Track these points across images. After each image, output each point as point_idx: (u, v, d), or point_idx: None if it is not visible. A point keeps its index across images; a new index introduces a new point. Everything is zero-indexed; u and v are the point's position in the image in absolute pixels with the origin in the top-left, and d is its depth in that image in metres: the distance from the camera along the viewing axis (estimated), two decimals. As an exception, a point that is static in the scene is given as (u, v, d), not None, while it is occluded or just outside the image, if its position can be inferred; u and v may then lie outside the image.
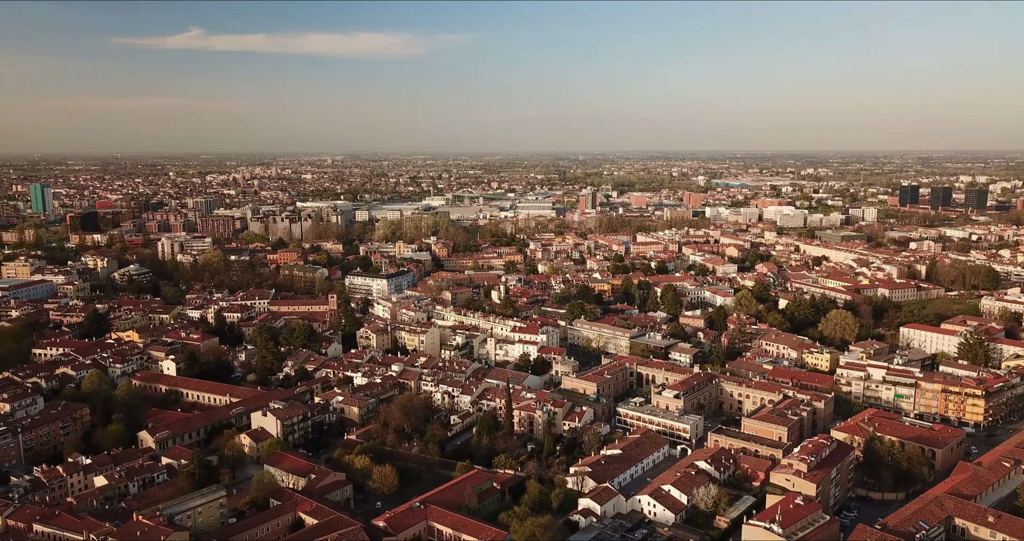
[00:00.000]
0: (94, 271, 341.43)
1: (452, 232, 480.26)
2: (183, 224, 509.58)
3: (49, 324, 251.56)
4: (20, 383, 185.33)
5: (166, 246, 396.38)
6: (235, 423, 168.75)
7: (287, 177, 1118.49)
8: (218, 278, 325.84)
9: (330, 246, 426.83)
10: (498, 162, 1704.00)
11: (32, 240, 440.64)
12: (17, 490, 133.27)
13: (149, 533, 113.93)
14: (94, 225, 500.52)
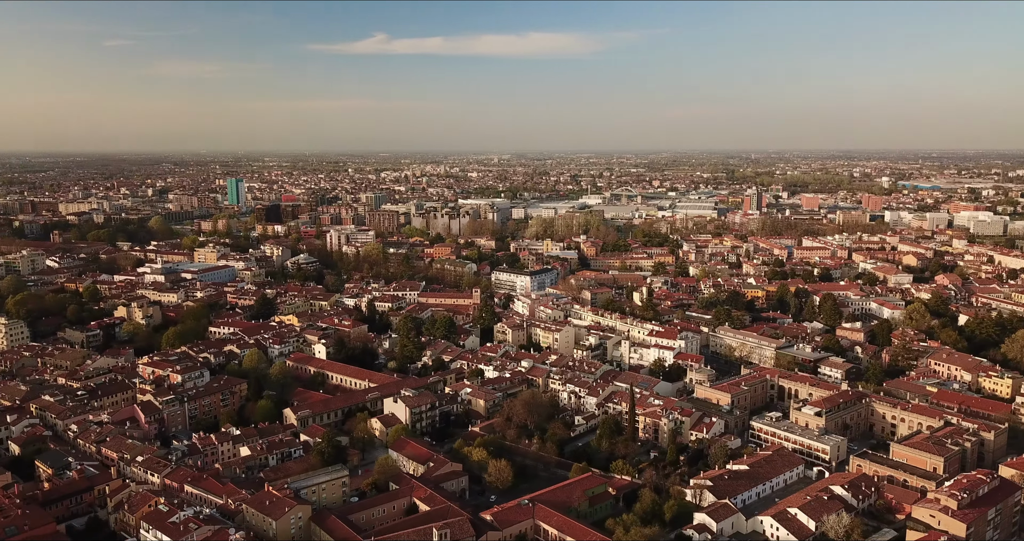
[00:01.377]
0: (270, 259, 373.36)
1: (603, 231, 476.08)
2: (353, 217, 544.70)
3: (226, 306, 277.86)
4: (193, 357, 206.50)
5: (334, 238, 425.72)
6: (370, 407, 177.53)
7: (454, 175, 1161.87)
8: (376, 269, 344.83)
9: (483, 242, 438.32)
10: (663, 160, 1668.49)
11: (224, 229, 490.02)
12: (176, 453, 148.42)
13: (276, 503, 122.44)
14: (276, 217, 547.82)
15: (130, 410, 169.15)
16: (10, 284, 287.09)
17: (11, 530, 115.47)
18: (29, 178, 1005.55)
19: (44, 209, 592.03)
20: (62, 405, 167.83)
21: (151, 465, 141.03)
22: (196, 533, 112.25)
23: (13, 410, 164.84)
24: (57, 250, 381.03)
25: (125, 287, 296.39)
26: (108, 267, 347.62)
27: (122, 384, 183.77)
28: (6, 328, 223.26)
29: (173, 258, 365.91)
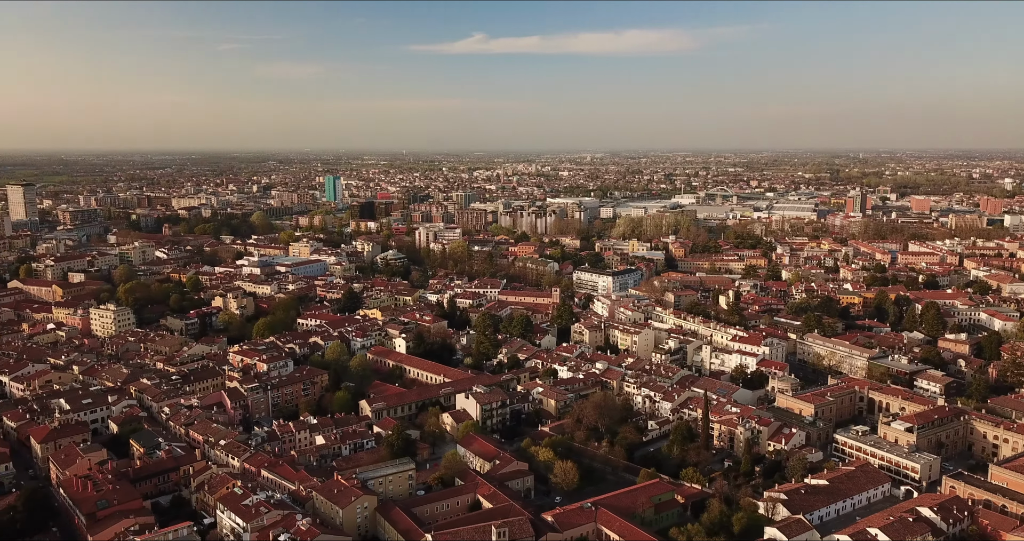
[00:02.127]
0: (360, 254, 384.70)
1: (693, 232, 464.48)
2: (443, 215, 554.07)
3: (315, 298, 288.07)
4: (280, 347, 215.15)
5: (422, 235, 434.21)
6: (443, 402, 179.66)
7: (545, 174, 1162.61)
8: (460, 266, 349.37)
9: (568, 241, 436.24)
10: (763, 160, 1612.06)
11: (319, 225, 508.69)
12: (256, 438, 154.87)
13: (343, 492, 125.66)
14: (370, 214, 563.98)
15: (218, 396, 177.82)
16: (122, 273, 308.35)
17: (102, 503, 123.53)
18: (148, 175, 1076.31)
19: (159, 204, 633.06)
20: (158, 388, 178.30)
21: (232, 449, 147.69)
22: (266, 517, 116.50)
23: (115, 391, 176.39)
24: (166, 242, 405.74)
25: (224, 278, 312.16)
26: (211, 259, 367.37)
27: (213, 371, 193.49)
28: (115, 315, 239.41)
29: (270, 252, 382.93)
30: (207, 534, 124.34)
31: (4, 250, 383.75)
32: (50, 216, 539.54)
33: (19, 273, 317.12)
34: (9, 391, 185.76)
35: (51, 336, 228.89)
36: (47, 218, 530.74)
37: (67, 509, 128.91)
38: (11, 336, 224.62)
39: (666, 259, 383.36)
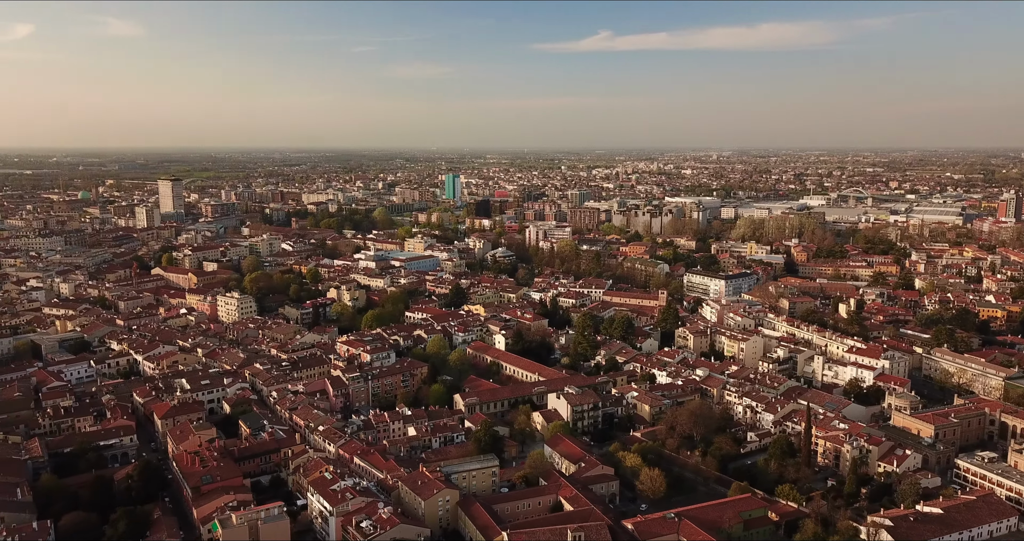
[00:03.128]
0: (472, 251, 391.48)
1: (819, 235, 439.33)
2: (555, 214, 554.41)
3: (425, 293, 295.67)
4: (385, 339, 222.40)
5: (532, 233, 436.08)
6: (535, 401, 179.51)
7: (667, 172, 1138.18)
8: (567, 265, 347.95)
9: (683, 242, 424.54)
10: (907, 159, 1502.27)
11: (436, 221, 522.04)
12: (352, 426, 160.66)
13: (426, 484, 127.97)
14: (486, 211, 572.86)
15: (322, 383, 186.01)
16: (250, 264, 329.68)
17: (206, 478, 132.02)
18: (285, 171, 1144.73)
19: (290, 199, 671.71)
20: (269, 373, 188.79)
21: (329, 435, 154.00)
22: (351, 502, 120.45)
23: (230, 374, 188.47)
24: (293, 235, 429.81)
25: (341, 271, 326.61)
26: (331, 252, 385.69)
27: (320, 359, 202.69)
28: (238, 302, 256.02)
29: (386, 247, 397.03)
30: (298, 515, 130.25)
31: (152, 240, 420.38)
32: (195, 209, 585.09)
33: (162, 261, 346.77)
34: (142, 369, 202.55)
35: (182, 320, 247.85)
36: (192, 211, 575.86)
37: (178, 481, 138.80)
38: (148, 319, 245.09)
39: (786, 264, 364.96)
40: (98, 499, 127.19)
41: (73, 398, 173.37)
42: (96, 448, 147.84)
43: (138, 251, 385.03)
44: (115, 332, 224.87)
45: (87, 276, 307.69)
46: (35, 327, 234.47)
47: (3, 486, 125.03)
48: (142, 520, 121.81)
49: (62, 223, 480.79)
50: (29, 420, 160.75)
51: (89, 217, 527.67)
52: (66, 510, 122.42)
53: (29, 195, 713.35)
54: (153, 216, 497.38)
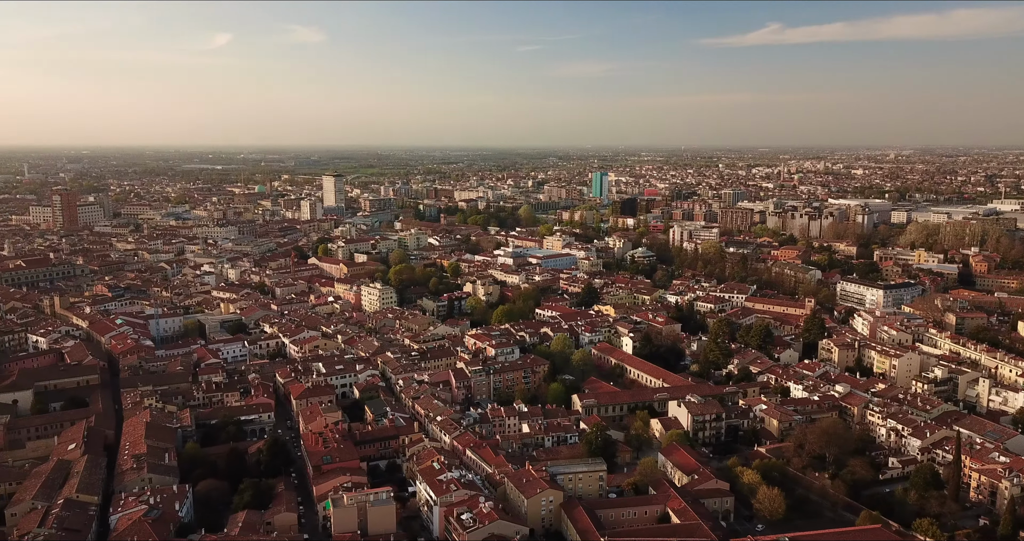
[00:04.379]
0: (611, 250, 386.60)
1: (1005, 243, 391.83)
2: (705, 214, 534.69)
3: (558, 291, 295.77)
4: (512, 334, 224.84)
5: (676, 233, 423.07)
6: (656, 407, 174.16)
7: (835, 172, 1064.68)
8: (709, 268, 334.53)
9: (842, 247, 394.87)
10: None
11: (580, 219, 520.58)
12: (468, 418, 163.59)
13: (530, 483, 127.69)
14: (631, 210, 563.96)
15: (446, 374, 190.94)
16: (396, 257, 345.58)
17: (327, 459, 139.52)
18: (443, 169, 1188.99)
19: (443, 195, 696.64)
20: (398, 362, 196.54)
21: (445, 426, 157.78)
22: (454, 494, 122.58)
23: (363, 361, 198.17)
24: (441, 231, 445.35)
25: (481, 266, 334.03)
26: (474, 248, 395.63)
27: (447, 351, 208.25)
28: (380, 293, 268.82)
29: (526, 244, 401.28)
30: (407, 501, 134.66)
31: (313, 231, 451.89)
32: (355, 203, 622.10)
33: (318, 251, 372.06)
34: (288, 351, 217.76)
35: (329, 307, 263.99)
36: (352, 205, 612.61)
37: (304, 459, 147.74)
38: (299, 305, 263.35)
39: (960, 275, 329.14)
40: (232, 469, 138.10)
41: (224, 375, 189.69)
42: (237, 422, 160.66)
43: (299, 242, 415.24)
44: (268, 316, 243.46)
45: (252, 263, 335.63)
46: (203, 308, 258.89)
47: (154, 450, 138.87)
48: (266, 492, 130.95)
49: (238, 214, 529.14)
50: (186, 392, 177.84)
51: (261, 209, 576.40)
52: (203, 476, 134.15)
53: (216, 188, 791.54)
54: (316, 209, 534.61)
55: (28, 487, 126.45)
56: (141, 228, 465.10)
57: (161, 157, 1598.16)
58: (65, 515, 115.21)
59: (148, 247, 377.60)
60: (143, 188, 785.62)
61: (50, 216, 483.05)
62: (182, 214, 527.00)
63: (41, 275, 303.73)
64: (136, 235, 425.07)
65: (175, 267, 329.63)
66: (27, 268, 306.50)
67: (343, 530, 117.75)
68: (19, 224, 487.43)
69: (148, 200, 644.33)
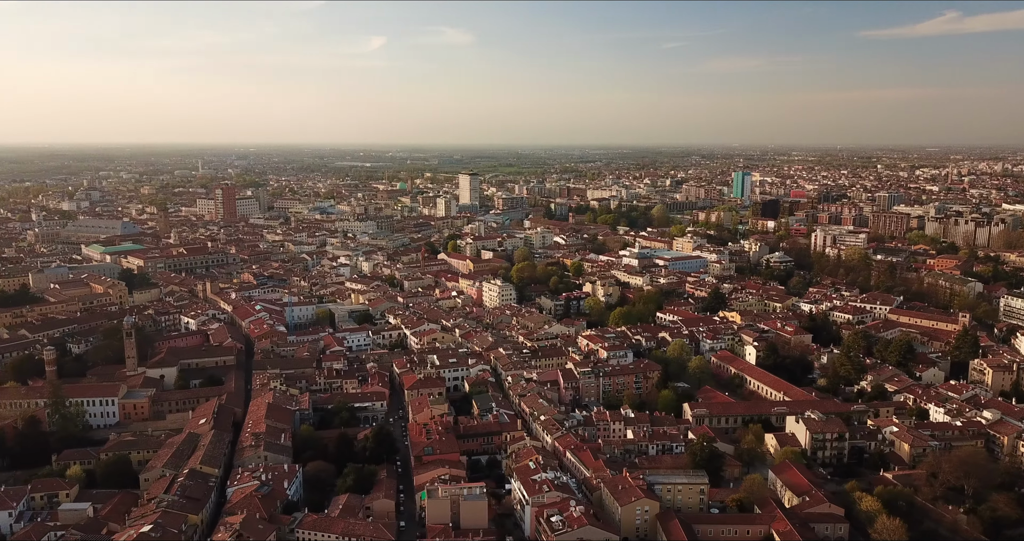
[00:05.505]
0: (745, 253, 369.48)
1: None
2: (854, 218, 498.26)
3: (683, 294, 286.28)
4: (628, 338, 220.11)
5: (819, 237, 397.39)
6: (774, 422, 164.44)
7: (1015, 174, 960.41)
8: (852, 276, 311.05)
9: (1013, 258, 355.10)
10: None
11: (716, 221, 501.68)
12: (572, 420, 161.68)
13: (626, 490, 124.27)
14: (773, 212, 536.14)
15: (554, 373, 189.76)
16: (520, 254, 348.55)
17: (428, 450, 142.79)
18: (580, 167, 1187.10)
19: (576, 194, 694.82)
20: (509, 359, 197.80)
21: (548, 425, 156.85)
22: (546, 495, 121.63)
23: (475, 356, 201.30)
24: (568, 230, 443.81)
25: (604, 266, 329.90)
26: (600, 248, 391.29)
27: (559, 350, 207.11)
28: (499, 289, 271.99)
29: (654, 244, 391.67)
30: (503, 499, 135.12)
31: (445, 228, 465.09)
32: (489, 201, 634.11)
33: (448, 247, 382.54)
34: (408, 343, 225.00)
35: (451, 302, 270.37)
36: (486, 203, 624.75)
37: (408, 449, 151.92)
38: (424, 298, 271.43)
39: None
40: (340, 453, 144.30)
41: (345, 362, 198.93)
42: (351, 409, 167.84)
43: (431, 237, 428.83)
44: (394, 308, 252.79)
45: (385, 256, 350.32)
46: (336, 298, 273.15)
47: (272, 430, 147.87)
48: (369, 478, 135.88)
49: (378, 210, 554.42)
50: (309, 377, 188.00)
51: (400, 205, 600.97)
52: (313, 458, 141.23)
53: (362, 185, 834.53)
54: (450, 206, 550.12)
55: (161, 456, 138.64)
56: (289, 221, 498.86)
57: (317, 154, 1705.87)
58: (188, 484, 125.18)
59: (293, 239, 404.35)
60: (297, 184, 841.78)
61: (213, 208, 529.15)
62: (327, 208, 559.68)
63: (199, 262, 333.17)
64: (284, 227, 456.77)
65: (315, 258, 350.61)
66: (187, 255, 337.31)
67: (436, 521, 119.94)
68: (187, 215, 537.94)
69: (300, 195, 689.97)
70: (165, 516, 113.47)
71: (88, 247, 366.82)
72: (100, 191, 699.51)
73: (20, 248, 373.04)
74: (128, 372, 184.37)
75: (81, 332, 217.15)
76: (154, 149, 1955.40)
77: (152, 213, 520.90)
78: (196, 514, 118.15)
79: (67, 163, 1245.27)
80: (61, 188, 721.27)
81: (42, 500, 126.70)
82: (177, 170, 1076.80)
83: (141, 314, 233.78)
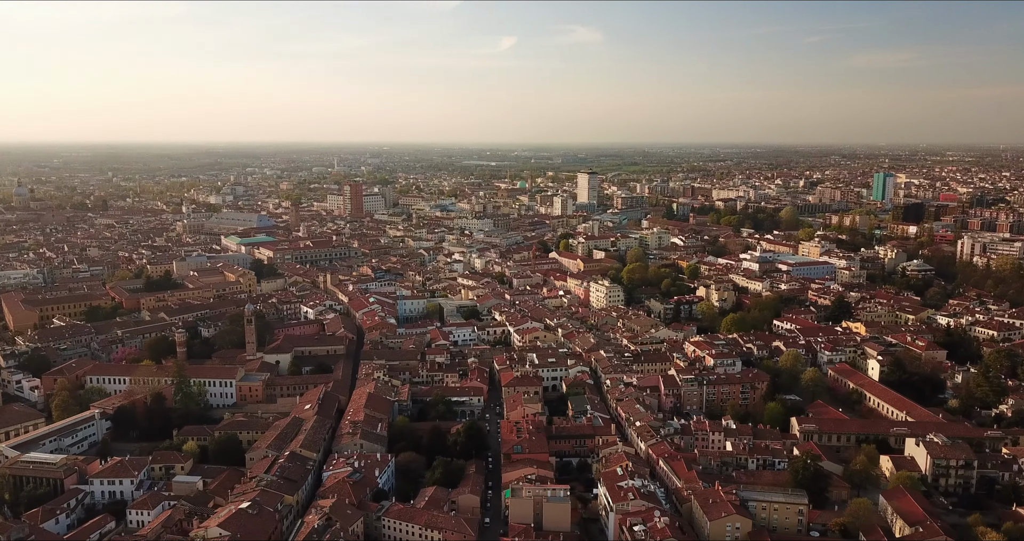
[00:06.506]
0: (879, 261, 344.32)
1: None
2: (1012, 224, 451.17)
3: (805, 302, 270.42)
4: (739, 345, 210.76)
5: (966, 245, 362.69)
6: (892, 443, 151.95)
7: None
8: (1002, 288, 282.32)
9: None
10: None
11: (850, 225, 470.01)
12: (668, 428, 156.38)
13: (716, 505, 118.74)
14: (916, 217, 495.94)
15: (655, 379, 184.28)
16: (633, 255, 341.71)
17: (517, 448, 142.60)
18: (708, 167, 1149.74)
19: (700, 194, 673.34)
20: (609, 361, 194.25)
21: (643, 432, 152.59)
22: (631, 503, 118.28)
23: (576, 356, 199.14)
24: (688, 231, 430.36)
25: (722, 270, 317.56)
26: (720, 250, 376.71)
27: (663, 355, 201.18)
28: (607, 290, 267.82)
29: (779, 248, 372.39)
30: (589, 503, 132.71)
31: (560, 227, 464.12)
32: (608, 200, 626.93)
33: (560, 246, 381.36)
34: (512, 340, 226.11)
35: (558, 301, 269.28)
36: (604, 202, 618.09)
37: (499, 445, 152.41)
38: (530, 296, 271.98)
39: None
40: (432, 446, 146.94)
41: (448, 356, 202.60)
42: (448, 402, 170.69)
43: (545, 236, 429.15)
44: (500, 305, 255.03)
45: (498, 254, 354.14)
46: (447, 293, 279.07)
47: (370, 419, 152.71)
48: (457, 472, 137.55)
49: (496, 208, 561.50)
50: (412, 369, 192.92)
51: (518, 204, 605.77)
52: (406, 449, 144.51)
53: (485, 183, 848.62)
54: (567, 205, 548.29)
55: (267, 437, 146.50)
56: (411, 217, 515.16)
57: (446, 153, 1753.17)
58: (288, 466, 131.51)
59: (413, 235, 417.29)
60: (423, 182, 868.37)
61: (342, 204, 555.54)
62: (448, 206, 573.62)
63: (323, 255, 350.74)
64: (406, 223, 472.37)
65: (431, 254, 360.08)
66: (313, 248, 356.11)
67: (518, 520, 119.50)
68: (318, 210, 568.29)
69: (424, 192, 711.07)
70: (263, 495, 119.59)
71: (227, 238, 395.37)
72: (244, 186, 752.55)
73: (170, 238, 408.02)
74: (248, 356, 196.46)
75: (211, 317, 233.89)
76: (296, 147, 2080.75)
77: (286, 207, 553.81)
78: (292, 495, 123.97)
79: (219, 160, 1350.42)
80: (211, 183, 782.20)
81: (160, 471, 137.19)
82: (315, 167, 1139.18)
83: (265, 302, 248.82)
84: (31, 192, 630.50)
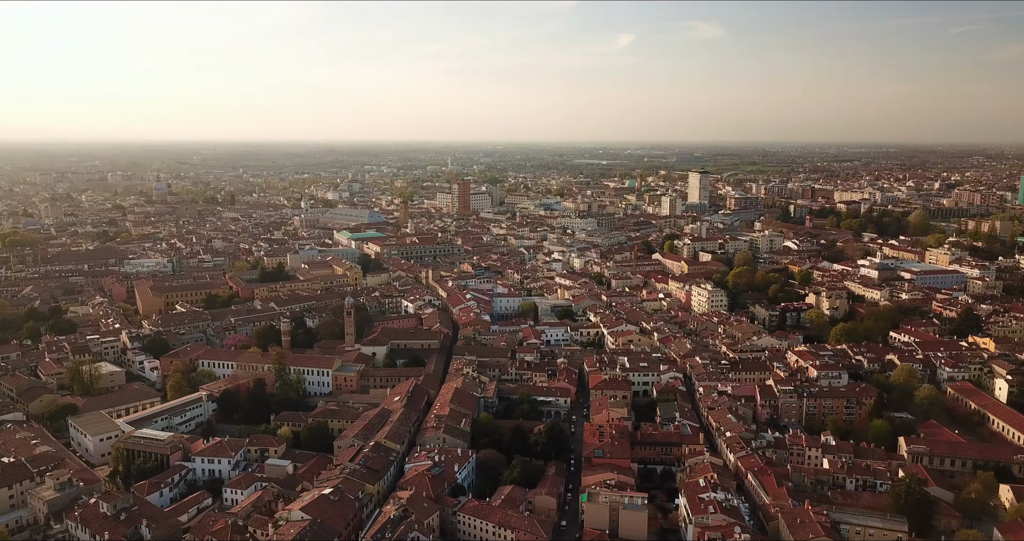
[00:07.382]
0: (1018, 271, 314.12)
1: None
2: None
3: (928, 313, 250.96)
4: (848, 357, 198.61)
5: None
6: (1015, 472, 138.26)
7: None
8: None
9: None
10: None
11: (989, 231, 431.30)
12: (761, 440, 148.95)
13: (804, 525, 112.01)
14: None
15: (751, 389, 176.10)
16: (741, 258, 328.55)
17: (598, 453, 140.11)
18: (833, 167, 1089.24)
19: (821, 196, 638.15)
20: (704, 368, 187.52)
21: (732, 443, 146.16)
22: (711, 517, 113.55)
23: (669, 362, 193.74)
24: (803, 234, 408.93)
25: (837, 276, 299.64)
26: (837, 255, 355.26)
27: (762, 364, 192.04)
28: (709, 294, 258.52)
29: (903, 255, 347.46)
30: (669, 513, 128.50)
31: (668, 227, 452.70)
32: (721, 201, 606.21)
33: (664, 247, 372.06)
34: (605, 341, 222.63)
35: (657, 304, 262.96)
36: (717, 203, 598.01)
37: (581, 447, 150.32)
38: (628, 298, 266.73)
39: None
40: (513, 445, 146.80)
41: (538, 355, 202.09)
42: (533, 401, 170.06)
43: (649, 236, 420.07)
44: (595, 306, 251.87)
45: (599, 254, 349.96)
46: (543, 292, 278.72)
47: (455, 414, 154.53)
48: (536, 473, 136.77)
49: (601, 207, 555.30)
50: (502, 366, 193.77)
51: (625, 203, 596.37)
52: (487, 446, 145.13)
53: (594, 182, 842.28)
54: (675, 205, 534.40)
55: (355, 426, 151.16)
56: (515, 216, 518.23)
57: (557, 152, 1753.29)
58: (372, 455, 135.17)
59: (516, 233, 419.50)
60: (532, 180, 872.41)
61: (450, 202, 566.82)
62: (552, 205, 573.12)
63: (427, 251, 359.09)
64: (510, 222, 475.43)
65: (531, 252, 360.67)
66: (418, 244, 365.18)
67: (593, 526, 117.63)
68: (428, 207, 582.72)
69: (532, 191, 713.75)
70: (346, 482, 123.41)
71: (339, 233, 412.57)
72: (360, 183, 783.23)
73: (287, 232, 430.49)
74: (346, 347, 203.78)
75: (317, 308, 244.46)
76: (413, 146, 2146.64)
77: (398, 204, 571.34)
78: (373, 484, 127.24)
79: (341, 158, 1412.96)
80: (330, 180, 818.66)
81: (255, 453, 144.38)
82: (429, 166, 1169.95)
83: (368, 295, 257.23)
84: (168, 187, 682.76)
